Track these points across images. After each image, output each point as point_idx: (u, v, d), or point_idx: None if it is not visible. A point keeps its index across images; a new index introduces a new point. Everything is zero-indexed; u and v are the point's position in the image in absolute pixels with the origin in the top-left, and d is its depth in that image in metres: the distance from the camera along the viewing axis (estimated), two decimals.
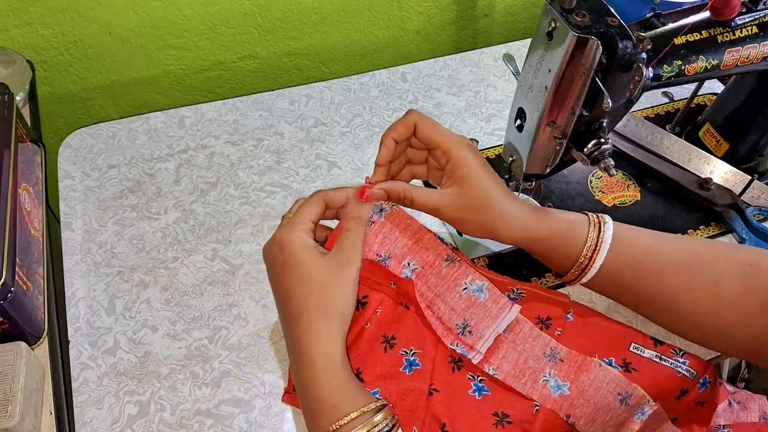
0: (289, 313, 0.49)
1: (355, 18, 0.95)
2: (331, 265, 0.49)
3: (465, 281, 0.55)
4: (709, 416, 0.54)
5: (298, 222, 0.50)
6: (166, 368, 0.60)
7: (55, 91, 0.88)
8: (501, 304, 0.55)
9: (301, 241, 0.49)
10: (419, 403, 0.52)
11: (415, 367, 0.54)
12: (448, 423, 0.52)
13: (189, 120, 0.81)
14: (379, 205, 0.54)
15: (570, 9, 0.49)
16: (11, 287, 0.53)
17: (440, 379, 0.54)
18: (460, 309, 0.54)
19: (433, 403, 0.53)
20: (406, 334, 0.55)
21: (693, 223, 0.72)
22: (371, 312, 0.54)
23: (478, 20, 1.04)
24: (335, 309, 0.48)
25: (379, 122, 0.82)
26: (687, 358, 0.56)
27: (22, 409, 0.50)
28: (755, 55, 0.59)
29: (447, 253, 0.55)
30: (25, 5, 0.76)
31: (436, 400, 0.53)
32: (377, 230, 0.53)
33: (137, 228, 0.70)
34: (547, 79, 0.52)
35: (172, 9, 0.83)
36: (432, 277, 0.55)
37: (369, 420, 0.45)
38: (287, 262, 0.49)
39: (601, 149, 0.54)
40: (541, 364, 0.55)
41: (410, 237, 0.54)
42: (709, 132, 0.76)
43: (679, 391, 0.56)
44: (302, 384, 0.48)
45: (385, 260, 0.54)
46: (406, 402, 0.52)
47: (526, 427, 0.53)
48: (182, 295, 0.65)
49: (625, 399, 0.54)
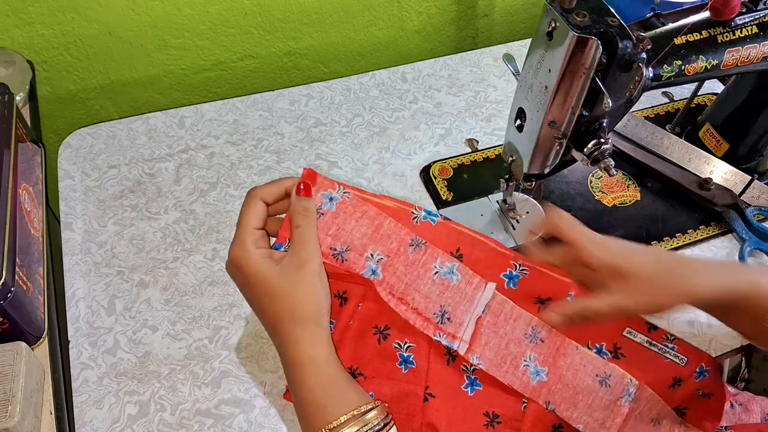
0: (266, 324, 0.49)
1: (355, 18, 0.95)
2: (289, 269, 0.48)
3: (434, 265, 0.53)
4: (718, 410, 0.53)
5: (244, 236, 0.48)
6: (166, 368, 0.60)
7: (55, 91, 0.88)
8: (475, 284, 0.54)
9: (253, 256, 0.48)
10: (415, 408, 0.52)
11: (410, 366, 0.53)
12: (442, 430, 0.52)
13: (189, 120, 0.81)
14: (327, 194, 0.51)
15: (570, 9, 0.49)
16: (11, 287, 0.53)
17: (435, 378, 0.54)
18: (434, 296, 0.53)
19: (428, 410, 0.52)
20: (399, 324, 0.53)
21: (693, 223, 0.72)
22: (353, 307, 0.53)
23: (478, 20, 1.04)
24: (307, 311, 0.48)
25: (379, 122, 0.82)
26: (676, 343, 0.56)
27: (22, 409, 0.50)
28: (755, 55, 0.59)
29: (411, 237, 0.53)
30: (25, 5, 0.76)
31: (432, 407, 0.53)
32: (329, 222, 0.51)
33: (137, 228, 0.70)
34: (547, 79, 0.52)
35: (172, 9, 0.83)
36: (400, 265, 0.52)
37: (360, 418, 0.45)
38: (247, 280, 0.48)
39: (601, 149, 0.54)
40: (522, 347, 0.54)
41: (368, 225, 0.52)
42: (709, 132, 0.76)
43: (671, 380, 0.55)
44: (291, 387, 0.48)
45: (342, 254, 0.51)
46: (401, 406, 0.52)
47: (515, 425, 0.53)
48: (182, 295, 0.65)
49: (604, 380, 0.54)
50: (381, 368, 0.53)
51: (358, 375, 0.53)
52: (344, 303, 0.53)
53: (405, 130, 0.81)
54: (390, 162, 0.77)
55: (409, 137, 0.81)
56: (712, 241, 0.71)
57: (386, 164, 0.77)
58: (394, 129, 0.82)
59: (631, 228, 0.72)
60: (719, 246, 0.71)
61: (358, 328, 0.53)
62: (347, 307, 0.53)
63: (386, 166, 0.77)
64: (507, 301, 0.55)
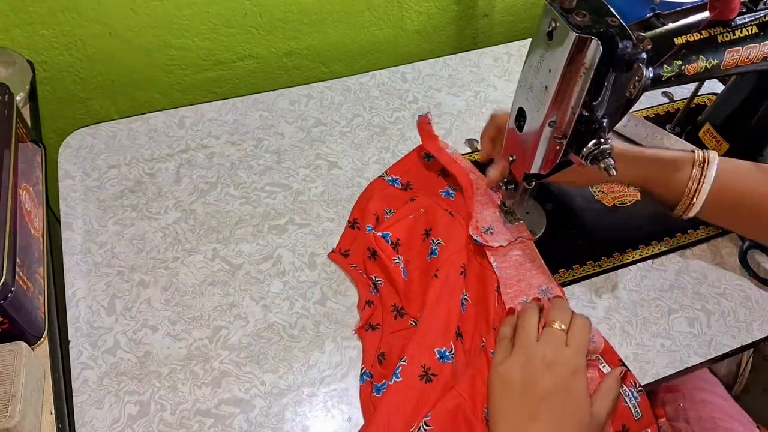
0: None
1: (355, 18, 0.95)
2: None
3: (496, 208, 0.70)
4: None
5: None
6: (166, 368, 0.60)
7: (55, 91, 0.88)
8: (520, 232, 0.68)
9: None
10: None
11: (433, 256, 0.65)
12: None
13: (189, 120, 0.81)
14: None
15: (570, 9, 0.49)
16: (11, 287, 0.53)
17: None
18: (490, 219, 0.68)
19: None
20: (440, 232, 0.67)
21: (693, 222, 0.72)
22: (417, 208, 0.69)
23: (478, 20, 1.04)
24: None
25: (379, 122, 0.82)
26: (641, 396, 0.57)
27: (22, 409, 0.50)
28: (755, 55, 0.59)
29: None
30: (25, 5, 0.76)
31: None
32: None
33: (137, 228, 0.70)
34: (547, 79, 0.52)
35: (172, 9, 0.83)
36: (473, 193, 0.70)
37: None
38: None
39: (601, 149, 0.54)
40: (533, 289, 0.64)
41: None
42: (709, 132, 0.76)
43: (620, 426, 0.56)
44: None
45: None
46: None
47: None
48: (182, 295, 0.65)
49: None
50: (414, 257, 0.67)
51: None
52: (410, 202, 0.71)
53: (405, 130, 0.81)
54: (390, 162, 0.77)
55: (409, 137, 0.81)
56: (712, 241, 0.71)
57: (386, 164, 0.77)
58: (394, 129, 0.82)
59: (631, 228, 0.72)
60: (719, 246, 0.71)
61: (413, 223, 0.69)
62: (412, 206, 0.70)
63: (386, 166, 0.77)
64: (532, 262, 0.67)
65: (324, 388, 0.59)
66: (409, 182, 0.74)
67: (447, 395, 0.55)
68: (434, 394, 0.55)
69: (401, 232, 0.68)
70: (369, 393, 0.58)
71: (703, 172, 0.58)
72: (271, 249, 0.69)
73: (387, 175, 0.75)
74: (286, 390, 0.59)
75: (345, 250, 0.68)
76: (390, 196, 0.72)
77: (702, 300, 0.66)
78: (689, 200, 0.59)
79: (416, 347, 0.58)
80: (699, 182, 0.58)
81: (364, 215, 0.70)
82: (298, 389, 0.59)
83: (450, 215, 0.69)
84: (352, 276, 0.66)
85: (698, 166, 0.58)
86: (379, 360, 0.59)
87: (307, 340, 0.62)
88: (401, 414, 0.54)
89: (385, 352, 0.60)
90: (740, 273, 0.69)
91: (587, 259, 0.68)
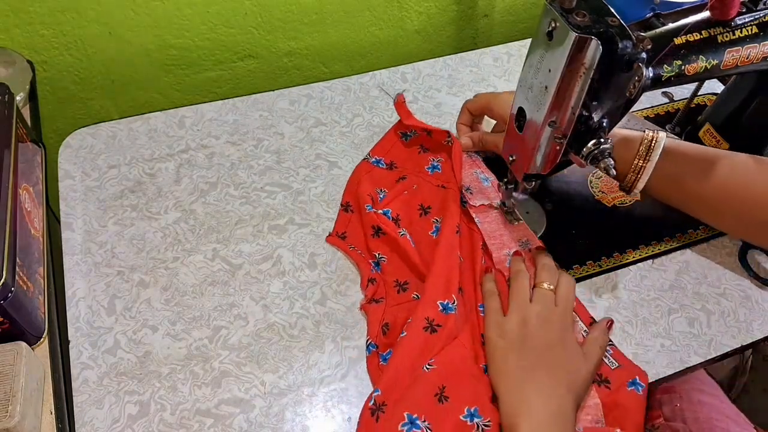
0: None
1: (355, 18, 0.95)
2: None
3: (475, 171, 0.73)
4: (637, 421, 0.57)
5: None
6: (166, 368, 0.60)
7: (55, 91, 0.88)
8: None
9: None
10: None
11: (436, 234, 0.68)
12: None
13: (189, 120, 0.81)
14: None
15: (570, 9, 0.49)
16: (11, 287, 0.53)
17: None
18: (468, 180, 0.72)
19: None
20: (437, 207, 0.70)
21: (693, 222, 0.71)
22: (410, 185, 0.73)
23: (478, 20, 1.04)
24: None
25: (379, 122, 0.82)
26: (614, 350, 0.61)
27: (22, 409, 0.50)
28: (755, 55, 0.59)
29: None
30: (25, 5, 0.76)
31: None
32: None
33: (137, 228, 0.70)
34: (547, 79, 0.52)
35: (172, 9, 0.83)
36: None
37: None
38: None
39: (601, 149, 0.54)
40: (513, 242, 0.67)
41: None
42: (709, 132, 0.76)
43: (597, 375, 0.60)
44: None
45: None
46: None
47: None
48: (182, 295, 0.65)
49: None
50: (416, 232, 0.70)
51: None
52: (402, 180, 0.74)
53: None
54: None
55: None
56: (712, 241, 0.71)
57: None
58: None
59: (631, 228, 0.72)
60: (719, 246, 0.71)
61: (408, 199, 0.72)
62: (407, 182, 0.74)
63: None
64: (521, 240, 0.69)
65: (324, 388, 0.59)
66: (393, 162, 0.76)
67: (451, 343, 0.59)
68: (439, 342, 0.59)
69: (400, 207, 0.71)
70: (377, 363, 0.60)
71: (649, 151, 0.62)
72: (271, 249, 0.69)
73: (371, 156, 0.77)
74: (286, 390, 0.59)
75: (341, 233, 0.70)
76: (378, 178, 0.75)
77: (702, 300, 0.66)
78: (634, 176, 0.63)
79: (420, 307, 0.60)
80: (644, 160, 0.62)
81: (357, 198, 0.71)
82: (298, 389, 0.59)
83: (442, 188, 0.72)
84: (352, 257, 0.68)
85: (645, 146, 0.62)
86: (383, 331, 0.62)
87: (307, 340, 0.62)
88: (407, 360, 0.57)
89: (389, 322, 0.62)
90: (740, 273, 0.69)
91: (587, 259, 0.68)
